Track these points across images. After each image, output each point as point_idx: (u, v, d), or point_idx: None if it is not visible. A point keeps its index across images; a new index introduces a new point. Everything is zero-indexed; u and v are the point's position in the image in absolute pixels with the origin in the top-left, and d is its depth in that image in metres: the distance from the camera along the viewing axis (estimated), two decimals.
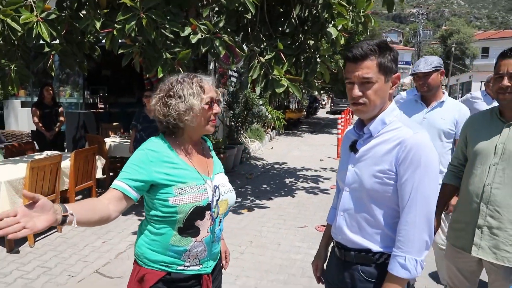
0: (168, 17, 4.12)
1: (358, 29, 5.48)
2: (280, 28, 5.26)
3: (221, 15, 4.63)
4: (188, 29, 4.16)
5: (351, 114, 22.70)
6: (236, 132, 9.44)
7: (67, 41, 4.49)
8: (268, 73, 4.51)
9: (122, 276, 3.24)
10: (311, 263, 1.76)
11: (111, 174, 5.70)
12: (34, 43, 4.21)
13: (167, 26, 4.04)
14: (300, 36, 5.44)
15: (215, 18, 4.84)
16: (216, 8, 4.73)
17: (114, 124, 7.64)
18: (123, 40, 4.28)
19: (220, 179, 1.56)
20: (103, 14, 4.23)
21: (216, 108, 1.49)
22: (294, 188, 6.57)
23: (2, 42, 4.08)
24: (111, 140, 6.11)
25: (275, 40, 4.73)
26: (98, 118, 8.13)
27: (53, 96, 6.17)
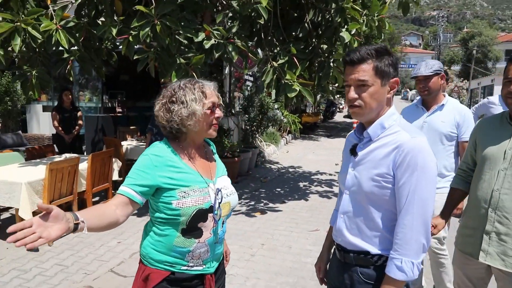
0: (182, 23, 4.22)
1: (372, 33, 5.48)
2: (293, 33, 5.29)
3: (234, 21, 4.70)
4: (202, 34, 4.24)
5: None
6: (251, 135, 9.49)
7: (85, 47, 4.64)
8: (280, 77, 4.55)
9: None
10: (314, 264, 1.79)
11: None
12: (54, 49, 4.38)
13: (181, 32, 4.14)
14: (313, 40, 5.47)
15: (230, 24, 4.92)
16: (230, 14, 4.81)
17: (131, 127, 7.81)
18: (140, 46, 4.40)
19: (223, 182, 1.59)
20: (120, 21, 4.36)
21: (218, 112, 1.51)
22: (307, 191, 6.57)
23: (24, 49, 4.26)
24: (128, 143, 6.25)
25: (288, 45, 4.76)
26: (116, 121, 8.33)
27: (72, 101, 6.35)
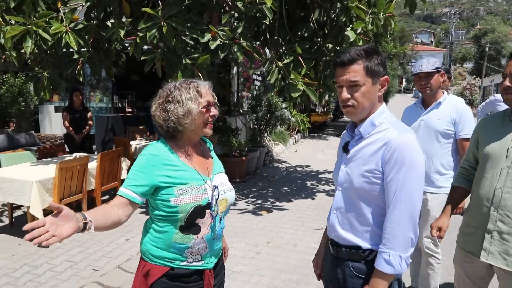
0: (189, 24, 4.28)
1: (378, 31, 5.48)
2: (299, 33, 5.32)
3: (240, 21, 4.75)
4: (208, 35, 4.30)
5: None
6: (259, 135, 9.53)
7: (95, 48, 4.74)
8: (285, 77, 4.59)
9: None
10: (312, 260, 1.83)
11: None
12: (64, 51, 4.50)
13: (187, 33, 4.21)
14: (319, 40, 5.49)
15: (236, 24, 4.98)
16: (236, 15, 4.86)
17: (140, 127, 7.93)
18: (149, 47, 4.49)
19: (220, 179, 1.64)
20: (128, 23, 4.45)
21: (213, 111, 1.56)
22: (314, 190, 6.60)
23: (36, 51, 4.37)
24: (137, 143, 6.36)
25: (294, 44, 4.80)
26: (126, 121, 8.46)
27: (82, 101, 6.48)
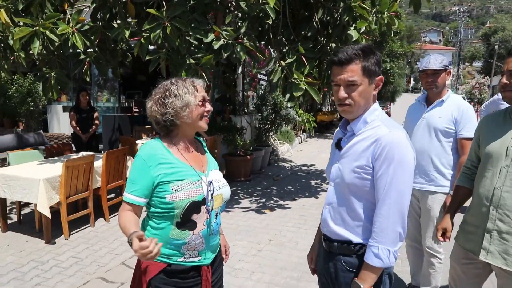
0: (193, 24, 4.34)
1: (382, 30, 5.48)
2: (302, 32, 5.35)
3: (243, 21, 4.80)
4: (211, 35, 4.36)
5: None
6: (265, 134, 9.58)
7: (101, 49, 4.82)
8: (288, 76, 4.62)
9: None
10: (307, 255, 1.86)
11: None
12: (71, 51, 4.58)
13: (190, 33, 4.26)
14: (322, 39, 5.51)
15: (240, 24, 5.02)
16: (239, 15, 4.90)
17: (146, 126, 8.01)
18: (155, 47, 4.55)
19: (215, 174, 1.68)
20: (133, 23, 4.51)
21: (208, 106, 1.62)
22: (319, 189, 6.62)
23: (44, 51, 4.46)
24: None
25: (297, 44, 4.83)
26: (132, 121, 8.55)
27: (88, 101, 6.57)
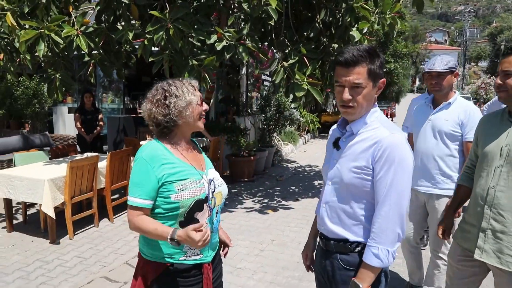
0: (196, 26, 4.37)
1: (385, 30, 5.48)
2: (305, 33, 5.37)
3: (246, 23, 4.83)
4: (214, 36, 4.39)
5: (389, 117, 22.27)
6: (268, 135, 9.60)
7: (105, 51, 4.87)
8: (290, 77, 4.64)
9: None
10: (301, 252, 1.88)
11: None
12: (76, 53, 4.63)
13: (193, 35, 4.30)
14: (325, 40, 5.53)
15: (242, 25, 5.05)
16: (242, 16, 4.93)
17: (151, 127, 8.06)
18: (158, 49, 4.59)
19: (213, 173, 1.71)
20: (138, 25, 4.55)
21: (205, 105, 1.64)
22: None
23: (49, 53, 4.52)
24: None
25: (299, 45, 4.85)
26: (137, 122, 8.60)
27: (93, 102, 6.63)
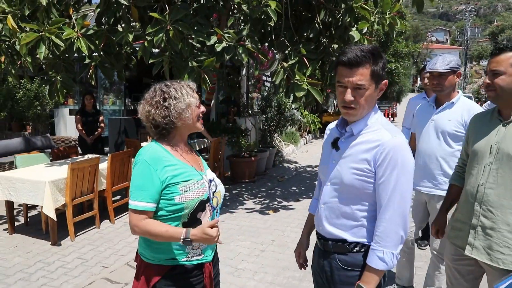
0: (195, 27, 4.39)
1: (385, 30, 5.49)
2: (305, 34, 5.38)
3: (246, 24, 4.84)
4: (214, 38, 4.40)
5: (391, 116, 22.23)
6: (269, 135, 9.60)
7: (105, 53, 4.89)
8: (290, 77, 4.65)
9: None
10: (294, 250, 1.87)
11: None
12: (77, 55, 4.65)
13: (193, 36, 4.31)
14: (324, 40, 5.53)
15: (242, 26, 5.06)
16: (241, 17, 4.94)
17: (149, 129, 8.08)
18: (158, 51, 4.60)
19: (211, 173, 1.73)
20: (138, 27, 4.57)
21: (202, 107, 1.65)
22: None
23: (50, 56, 4.54)
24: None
25: (299, 46, 4.86)
26: (138, 123, 8.61)
27: (94, 104, 6.65)
